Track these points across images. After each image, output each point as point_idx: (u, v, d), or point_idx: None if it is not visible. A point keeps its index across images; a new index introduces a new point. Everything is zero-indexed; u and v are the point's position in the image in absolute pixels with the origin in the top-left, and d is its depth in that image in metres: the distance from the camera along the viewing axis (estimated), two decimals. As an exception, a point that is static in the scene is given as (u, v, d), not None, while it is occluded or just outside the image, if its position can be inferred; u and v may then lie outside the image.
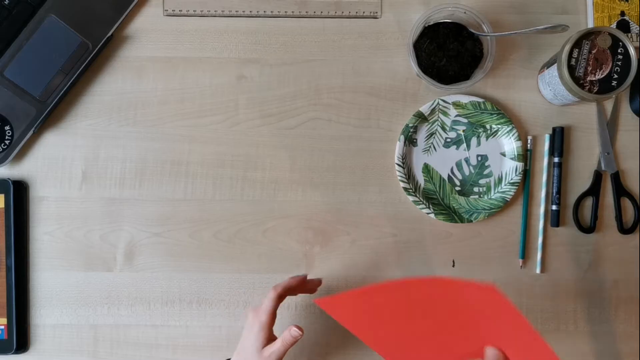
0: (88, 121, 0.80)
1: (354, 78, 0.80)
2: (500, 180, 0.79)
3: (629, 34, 0.78)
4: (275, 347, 0.66)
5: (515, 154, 0.78)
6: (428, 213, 0.78)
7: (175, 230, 0.79)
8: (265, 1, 0.80)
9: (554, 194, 0.79)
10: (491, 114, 0.78)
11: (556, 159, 0.79)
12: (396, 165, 0.78)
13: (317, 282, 0.75)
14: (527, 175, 0.79)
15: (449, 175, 0.79)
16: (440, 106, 0.79)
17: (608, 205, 0.80)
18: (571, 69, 0.70)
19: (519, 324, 0.57)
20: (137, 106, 0.80)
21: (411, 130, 0.79)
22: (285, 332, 0.66)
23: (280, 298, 0.68)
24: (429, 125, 0.79)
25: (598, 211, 0.79)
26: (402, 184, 0.78)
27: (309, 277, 0.75)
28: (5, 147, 0.77)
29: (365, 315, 0.62)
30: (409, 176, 0.79)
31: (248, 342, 0.67)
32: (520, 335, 0.58)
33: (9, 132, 0.77)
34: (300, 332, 0.66)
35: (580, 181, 0.80)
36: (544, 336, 0.79)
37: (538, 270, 0.79)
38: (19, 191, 0.78)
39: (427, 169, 0.79)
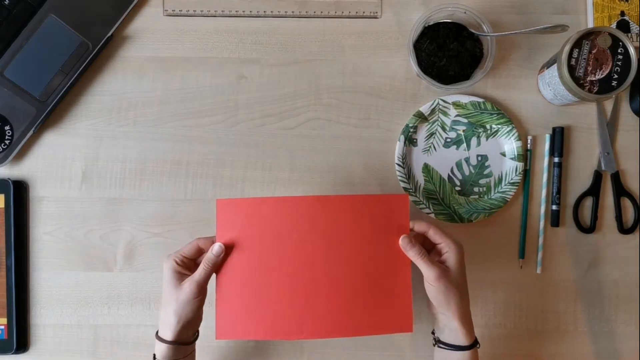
0: (88, 121, 0.80)
1: (354, 78, 0.80)
2: (500, 180, 0.79)
3: (629, 34, 0.78)
4: (196, 274, 0.63)
5: (515, 154, 0.78)
6: (428, 213, 0.78)
7: (175, 230, 0.79)
8: (265, 1, 0.80)
9: (554, 194, 0.79)
10: (491, 114, 0.78)
11: (556, 159, 0.79)
12: (396, 165, 0.78)
13: None
14: (527, 175, 0.79)
15: (449, 175, 0.79)
16: (440, 106, 0.79)
17: (608, 205, 0.80)
18: (571, 69, 0.70)
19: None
20: (137, 106, 0.80)
21: (411, 130, 0.79)
22: (207, 253, 0.63)
23: (199, 251, 0.65)
24: (429, 125, 0.79)
25: (598, 211, 0.79)
26: (402, 184, 0.78)
27: None
28: (5, 147, 0.77)
29: (258, 225, 0.66)
30: (409, 176, 0.79)
31: (164, 287, 0.64)
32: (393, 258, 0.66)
33: (9, 132, 0.77)
34: (222, 248, 0.63)
35: (580, 181, 0.80)
36: (544, 336, 0.80)
37: (538, 270, 0.79)
38: (19, 191, 0.78)
39: (427, 169, 0.79)
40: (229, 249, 0.65)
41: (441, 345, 0.66)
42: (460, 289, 0.63)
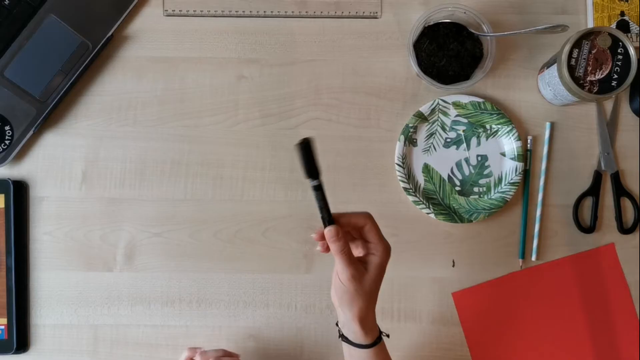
0: (88, 121, 0.80)
1: (354, 78, 0.80)
2: (500, 180, 0.79)
3: (629, 34, 0.78)
4: None
5: (515, 154, 0.78)
6: (428, 213, 0.78)
7: (175, 230, 0.79)
8: (265, 1, 0.80)
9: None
10: (491, 114, 0.78)
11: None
12: (396, 165, 0.78)
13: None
14: (527, 175, 0.79)
15: (449, 175, 0.79)
16: (440, 106, 0.79)
17: (608, 205, 0.80)
18: (571, 69, 0.70)
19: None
20: (137, 106, 0.80)
21: (411, 130, 0.79)
22: None
23: None
24: (429, 125, 0.79)
25: (598, 211, 0.79)
26: (402, 184, 0.78)
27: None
28: (5, 147, 0.77)
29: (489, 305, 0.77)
30: (409, 176, 0.79)
31: None
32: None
33: (9, 132, 0.77)
34: None
35: (580, 181, 0.80)
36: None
37: (538, 270, 0.79)
38: (19, 191, 0.78)
39: (427, 169, 0.79)
40: (473, 331, 0.77)
41: (344, 340, 0.63)
42: (370, 295, 0.60)
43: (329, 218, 0.59)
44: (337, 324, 0.64)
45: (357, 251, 0.63)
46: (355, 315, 0.60)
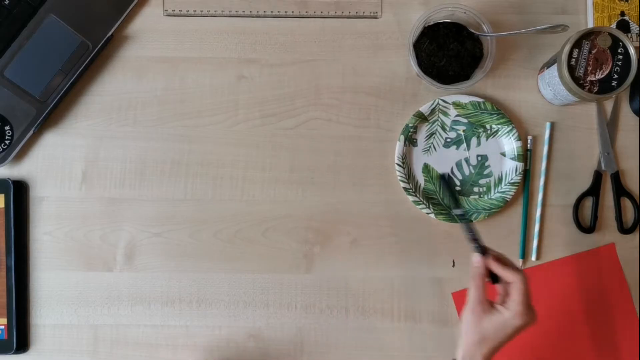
0: (88, 121, 0.80)
1: (354, 78, 0.80)
2: (500, 180, 0.79)
3: (629, 34, 0.78)
4: None
5: (515, 154, 0.78)
6: (428, 213, 0.78)
7: (175, 230, 0.79)
8: (265, 1, 0.80)
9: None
10: (491, 114, 0.78)
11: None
12: (396, 165, 0.78)
13: None
14: (527, 175, 0.79)
15: (449, 175, 0.79)
16: (440, 106, 0.79)
17: (608, 205, 0.80)
18: (571, 69, 0.70)
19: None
20: (137, 106, 0.80)
21: (411, 130, 0.79)
22: None
23: None
24: (429, 125, 0.79)
25: (598, 211, 0.79)
26: (402, 184, 0.78)
27: None
28: (5, 147, 0.77)
29: None
30: (409, 176, 0.79)
31: None
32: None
33: (9, 132, 0.77)
34: None
35: (580, 181, 0.80)
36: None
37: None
38: (19, 191, 0.78)
39: (427, 169, 0.79)
40: None
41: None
42: (483, 337, 0.59)
43: (479, 247, 0.65)
44: None
45: (499, 295, 0.63)
46: (461, 345, 0.61)
